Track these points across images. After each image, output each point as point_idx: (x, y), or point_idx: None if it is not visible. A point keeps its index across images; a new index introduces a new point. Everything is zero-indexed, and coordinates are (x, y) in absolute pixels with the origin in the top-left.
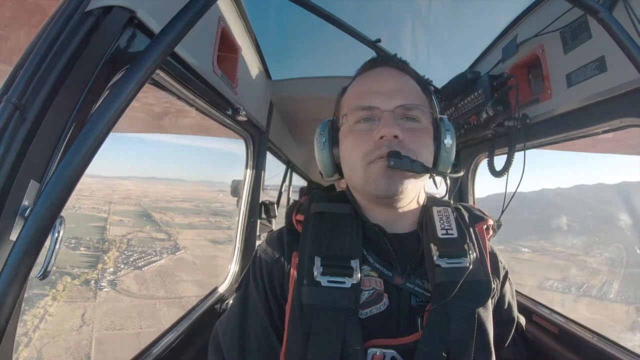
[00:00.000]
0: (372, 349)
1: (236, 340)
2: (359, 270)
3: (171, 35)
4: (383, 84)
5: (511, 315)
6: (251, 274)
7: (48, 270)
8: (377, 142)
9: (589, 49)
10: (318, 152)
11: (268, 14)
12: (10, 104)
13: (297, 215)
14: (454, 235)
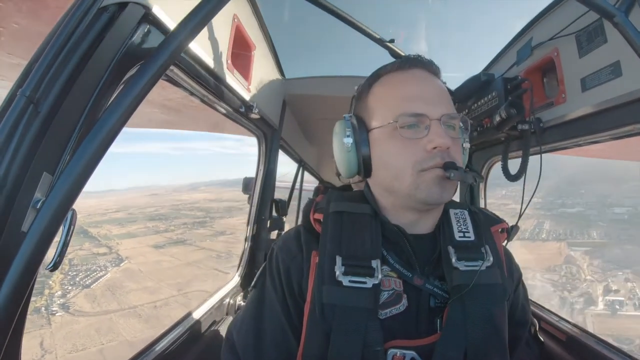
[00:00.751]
0: (392, 349)
1: (252, 339)
2: (379, 270)
3: (185, 31)
4: (427, 89)
5: (525, 317)
6: (267, 273)
7: (58, 261)
8: (429, 151)
9: (604, 53)
10: (342, 152)
11: (282, 12)
12: (25, 98)
13: (315, 214)
14: (471, 238)
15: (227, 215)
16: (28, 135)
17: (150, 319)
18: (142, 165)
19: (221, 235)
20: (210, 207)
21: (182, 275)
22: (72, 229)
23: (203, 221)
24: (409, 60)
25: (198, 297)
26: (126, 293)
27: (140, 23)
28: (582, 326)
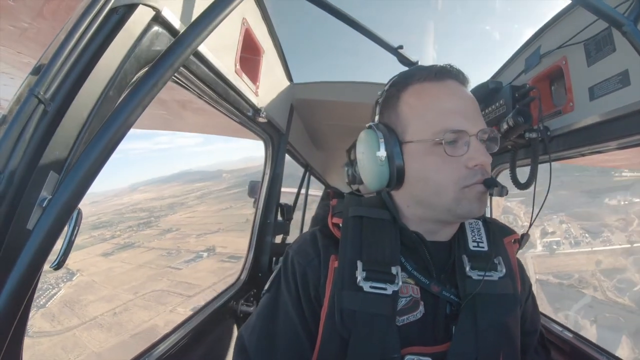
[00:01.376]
0: (409, 356)
1: (265, 343)
2: (399, 277)
3: (195, 34)
4: (464, 103)
5: (534, 326)
6: (283, 277)
7: (63, 260)
8: (470, 168)
9: (612, 62)
10: (373, 164)
11: (291, 17)
12: (34, 97)
13: (333, 218)
14: (485, 248)
15: (170, 212)
16: (36, 134)
17: (112, 327)
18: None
19: (168, 233)
20: (153, 206)
21: (135, 278)
22: (77, 228)
23: (148, 221)
24: (443, 71)
25: (155, 296)
26: (84, 306)
27: (150, 25)
28: (524, 265)
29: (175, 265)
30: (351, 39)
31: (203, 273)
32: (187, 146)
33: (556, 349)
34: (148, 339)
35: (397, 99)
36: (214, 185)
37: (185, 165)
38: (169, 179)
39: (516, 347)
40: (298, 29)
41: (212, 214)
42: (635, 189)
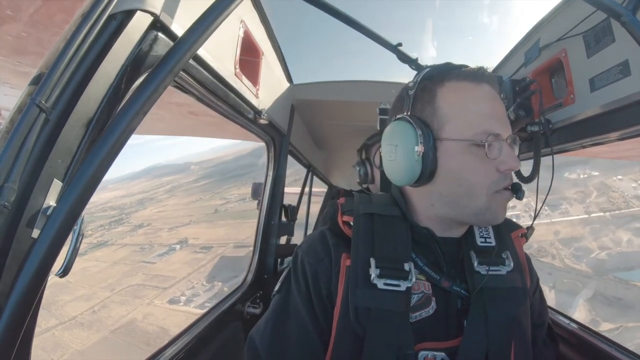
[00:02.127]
0: (422, 352)
1: (277, 345)
2: (413, 273)
3: (194, 38)
4: (499, 108)
5: (542, 319)
6: (293, 277)
7: (68, 268)
8: (501, 172)
9: (612, 53)
10: (409, 159)
11: (290, 18)
12: (35, 105)
13: (343, 216)
14: (492, 243)
15: (141, 208)
16: (38, 143)
17: (93, 324)
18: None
19: (139, 229)
20: (123, 203)
21: (111, 275)
22: (82, 235)
23: (119, 219)
24: (480, 74)
25: (131, 291)
26: (62, 306)
27: (148, 30)
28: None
29: (149, 259)
30: (350, 38)
31: (177, 265)
32: (155, 140)
33: (563, 341)
34: (128, 333)
35: (434, 93)
36: (183, 178)
37: (154, 159)
38: (138, 175)
39: (527, 339)
40: (297, 30)
41: (182, 207)
42: (595, 163)
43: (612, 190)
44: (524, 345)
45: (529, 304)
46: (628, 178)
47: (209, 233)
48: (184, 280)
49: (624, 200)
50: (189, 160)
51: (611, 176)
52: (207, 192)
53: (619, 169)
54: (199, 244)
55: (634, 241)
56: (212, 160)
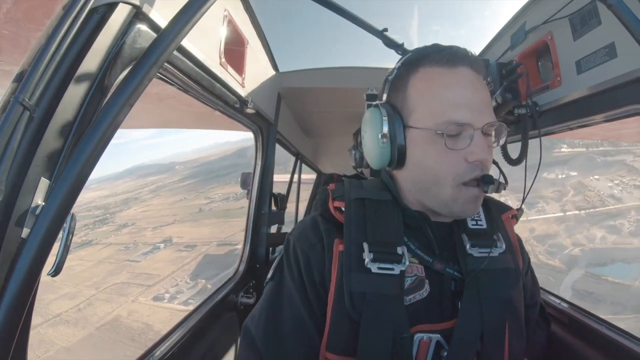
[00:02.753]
0: (418, 334)
1: (271, 332)
2: (406, 256)
3: (177, 29)
4: (474, 95)
5: (534, 299)
6: (285, 264)
7: (59, 267)
8: (469, 162)
9: (598, 36)
10: (376, 144)
11: (274, 6)
12: (19, 104)
13: (334, 202)
14: (484, 226)
15: (125, 208)
16: (24, 142)
17: (78, 321)
18: None
19: (124, 228)
20: (107, 203)
21: (96, 274)
22: (72, 233)
23: (103, 218)
24: (457, 57)
25: (116, 289)
26: (46, 305)
27: (131, 22)
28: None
29: (133, 258)
30: (336, 24)
31: (161, 263)
32: (139, 139)
33: (555, 320)
34: (113, 330)
35: (406, 81)
36: (167, 178)
37: (138, 159)
38: (122, 175)
39: (521, 320)
40: (281, 18)
41: (167, 207)
42: (573, 163)
43: (588, 189)
44: (518, 325)
45: (522, 284)
46: (604, 178)
47: (193, 232)
48: (168, 278)
49: (599, 198)
50: (173, 160)
51: (588, 176)
52: (191, 192)
53: (596, 169)
54: (183, 243)
55: (607, 238)
56: (197, 160)
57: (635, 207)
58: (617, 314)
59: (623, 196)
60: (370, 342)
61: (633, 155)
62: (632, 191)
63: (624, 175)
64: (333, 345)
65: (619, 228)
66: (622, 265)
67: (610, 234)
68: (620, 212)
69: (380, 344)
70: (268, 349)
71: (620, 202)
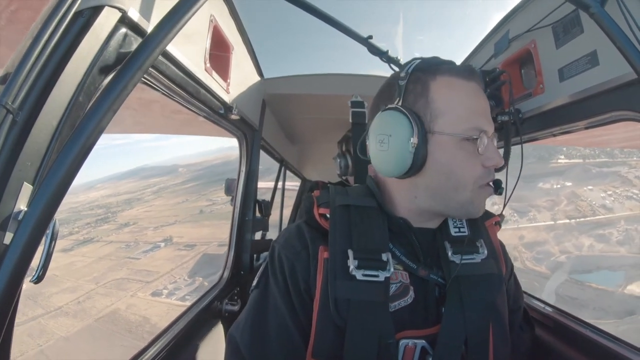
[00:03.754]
0: (403, 340)
1: (257, 340)
2: (391, 263)
3: (163, 34)
4: (486, 106)
5: (518, 304)
6: (270, 272)
7: (42, 273)
8: (486, 167)
9: (580, 44)
10: (403, 150)
11: (260, 12)
12: (1, 107)
13: (319, 209)
14: (466, 233)
15: (127, 207)
16: (6, 146)
17: (78, 313)
18: None
19: (125, 227)
20: (109, 202)
21: (96, 270)
22: (54, 239)
23: (105, 217)
24: (471, 71)
25: (116, 284)
26: (48, 297)
27: (117, 26)
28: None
29: (134, 255)
30: (321, 31)
31: (161, 261)
32: (143, 141)
33: (540, 324)
34: (111, 321)
35: (427, 86)
36: (170, 180)
37: (141, 161)
38: (125, 175)
39: (505, 324)
40: (267, 25)
41: (169, 207)
42: (569, 174)
43: (580, 199)
44: (502, 330)
45: (505, 289)
46: (598, 188)
47: (194, 232)
48: (167, 275)
49: (591, 208)
50: (177, 162)
51: (583, 186)
52: (193, 194)
53: (591, 180)
54: (183, 242)
55: (595, 246)
56: (201, 163)
57: (625, 217)
58: (599, 319)
59: (614, 206)
60: (355, 348)
61: (628, 166)
62: (624, 201)
63: (617, 186)
64: (319, 352)
65: (608, 237)
66: (607, 272)
67: (598, 242)
68: (610, 222)
69: (365, 350)
70: (253, 356)
71: (611, 212)
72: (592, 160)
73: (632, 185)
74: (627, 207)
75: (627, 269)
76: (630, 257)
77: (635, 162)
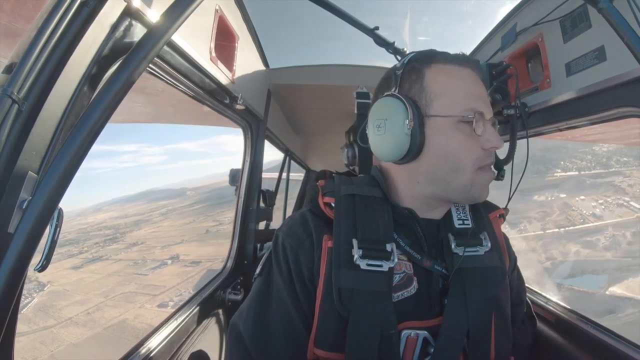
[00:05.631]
0: (405, 330)
1: (259, 329)
2: (395, 253)
3: (168, 24)
4: (483, 90)
5: (520, 297)
6: (274, 260)
7: (46, 262)
8: (485, 149)
9: (588, 39)
10: (399, 133)
11: (266, 2)
12: (7, 97)
13: (324, 197)
14: (470, 225)
15: (136, 229)
16: (12, 135)
17: (87, 323)
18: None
19: (134, 246)
20: (118, 224)
21: (105, 284)
22: (59, 228)
23: (114, 237)
24: (465, 59)
25: (124, 297)
26: (59, 310)
27: (122, 16)
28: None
29: (142, 272)
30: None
31: (167, 276)
32: (151, 164)
33: (542, 319)
34: (119, 329)
35: (422, 73)
36: (178, 203)
37: (151, 183)
38: (133, 198)
39: (507, 317)
40: (273, 14)
41: (176, 228)
42: (563, 186)
43: (571, 209)
44: (504, 323)
45: (508, 282)
46: (590, 198)
47: (200, 250)
48: (173, 289)
49: (581, 217)
50: (185, 186)
51: (575, 197)
52: (200, 215)
53: (585, 190)
54: (189, 259)
55: (581, 252)
56: (209, 186)
57: (612, 224)
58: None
59: (604, 214)
60: (358, 338)
61: (622, 176)
62: (614, 209)
63: (609, 195)
64: (321, 341)
65: (595, 243)
66: (591, 276)
67: (585, 248)
68: (598, 229)
69: (368, 340)
70: (256, 344)
71: (600, 220)
72: (587, 172)
73: (624, 193)
74: (616, 214)
75: (611, 272)
76: (614, 260)
77: (629, 171)
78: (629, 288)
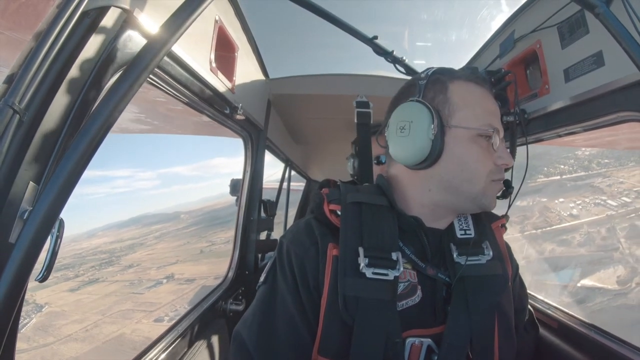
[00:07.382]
0: (410, 338)
1: (264, 337)
2: (401, 262)
3: (168, 35)
4: (497, 109)
5: (522, 305)
6: (278, 267)
7: (47, 272)
8: (497, 165)
9: (586, 44)
10: (423, 137)
11: (265, 13)
12: (8, 107)
13: (329, 205)
14: (472, 235)
15: (131, 252)
16: (13, 146)
17: (86, 339)
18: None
19: (130, 268)
20: (113, 248)
21: (103, 304)
22: (60, 238)
23: (110, 261)
24: (484, 79)
25: (121, 314)
26: (58, 328)
27: (122, 27)
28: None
29: (138, 291)
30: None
31: (163, 294)
32: (144, 189)
33: (544, 325)
34: (117, 343)
35: (446, 86)
36: (172, 226)
37: (144, 208)
38: (127, 223)
39: (510, 325)
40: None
41: (171, 250)
42: (545, 191)
43: (549, 211)
44: (508, 331)
45: (511, 290)
46: (569, 199)
47: (194, 269)
48: (168, 305)
49: (558, 218)
50: (178, 210)
51: (555, 199)
52: (194, 237)
53: (565, 193)
54: (184, 278)
55: (556, 250)
56: (202, 209)
57: (588, 222)
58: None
59: (581, 214)
60: (362, 346)
61: (602, 177)
62: (591, 208)
63: (587, 196)
64: (325, 349)
65: (570, 241)
66: (564, 271)
67: (560, 246)
68: (574, 228)
69: (372, 348)
70: (260, 353)
71: (577, 219)
72: (568, 175)
73: (602, 193)
74: (592, 212)
75: (584, 266)
76: (587, 255)
77: (609, 172)
78: (599, 279)
